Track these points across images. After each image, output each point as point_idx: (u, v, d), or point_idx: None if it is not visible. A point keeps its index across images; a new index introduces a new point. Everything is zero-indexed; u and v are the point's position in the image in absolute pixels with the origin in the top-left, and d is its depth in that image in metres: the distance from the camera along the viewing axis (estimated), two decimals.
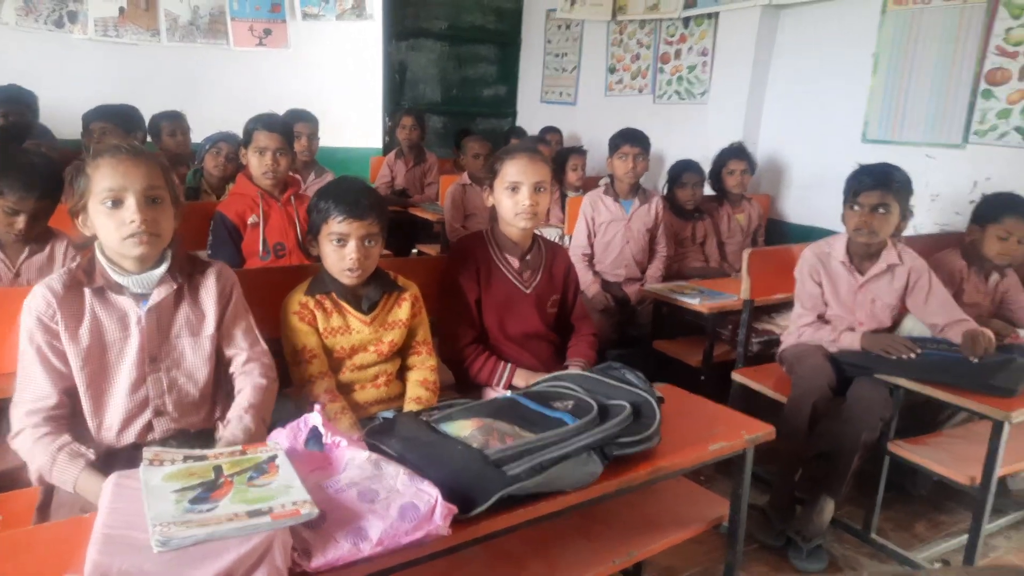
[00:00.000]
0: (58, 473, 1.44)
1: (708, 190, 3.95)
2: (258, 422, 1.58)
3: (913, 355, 2.26)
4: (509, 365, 2.12)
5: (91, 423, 1.54)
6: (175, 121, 3.90)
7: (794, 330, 2.58)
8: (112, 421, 1.54)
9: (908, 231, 2.97)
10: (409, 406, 1.90)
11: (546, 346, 2.26)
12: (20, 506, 1.55)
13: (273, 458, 1.26)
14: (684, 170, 3.75)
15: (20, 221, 2.12)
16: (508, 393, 1.60)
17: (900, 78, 3.74)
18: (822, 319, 2.55)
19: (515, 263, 2.20)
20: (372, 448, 1.34)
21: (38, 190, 2.11)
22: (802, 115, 4.23)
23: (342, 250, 1.82)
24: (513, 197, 2.09)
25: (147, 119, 3.79)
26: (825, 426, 2.35)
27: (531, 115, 6.40)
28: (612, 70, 5.56)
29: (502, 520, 1.25)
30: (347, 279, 1.86)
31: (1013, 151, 3.33)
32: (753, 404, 2.60)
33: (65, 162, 2.60)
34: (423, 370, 2.01)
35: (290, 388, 1.96)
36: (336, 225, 1.81)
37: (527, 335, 2.21)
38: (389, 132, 5.79)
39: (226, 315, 1.67)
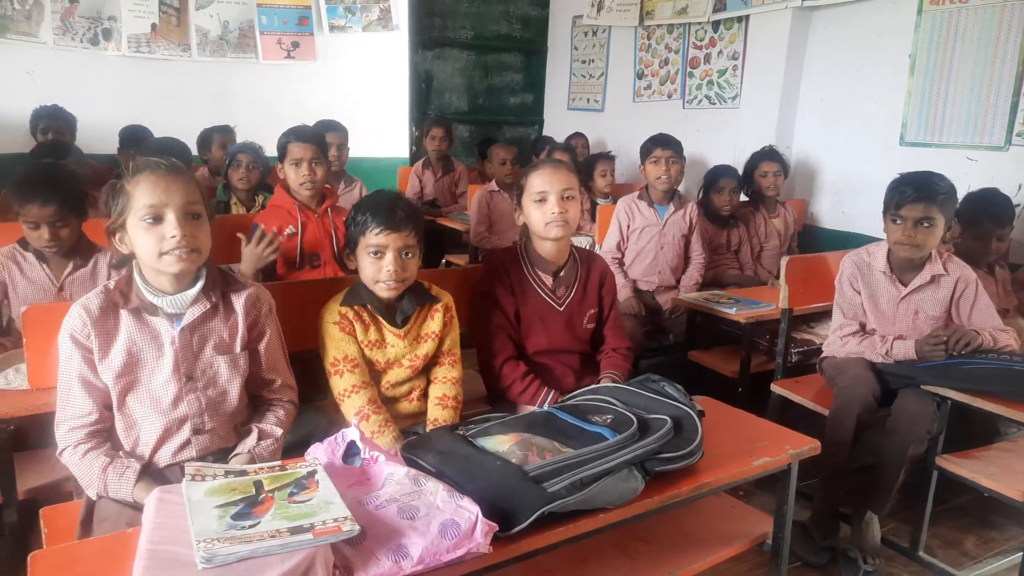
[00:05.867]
0: (112, 484, 1.46)
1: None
2: (280, 449, 1.65)
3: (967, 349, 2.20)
4: (553, 392, 2.07)
5: (124, 441, 1.54)
6: (225, 135, 4.02)
7: (836, 339, 2.49)
8: (148, 439, 1.54)
9: None
10: (430, 427, 1.86)
11: (577, 357, 2.22)
12: (63, 519, 1.56)
13: (313, 473, 1.25)
14: (720, 175, 3.70)
15: (44, 234, 2.14)
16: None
17: (938, 79, 3.67)
18: (864, 329, 2.47)
19: (548, 280, 2.16)
20: (409, 463, 1.33)
21: (55, 203, 2.12)
22: (837, 118, 4.17)
23: (379, 262, 1.81)
24: (541, 208, 2.06)
25: (179, 134, 3.84)
26: (870, 439, 2.29)
27: (558, 122, 6.39)
28: (640, 75, 5.53)
29: (543, 538, 1.23)
30: (383, 291, 1.84)
31: None
32: (790, 415, 2.54)
33: (99, 179, 2.63)
34: (443, 385, 1.95)
35: (324, 401, 1.95)
36: (373, 237, 1.80)
37: (556, 351, 2.18)
38: (416, 142, 5.81)
39: (265, 337, 1.66)
